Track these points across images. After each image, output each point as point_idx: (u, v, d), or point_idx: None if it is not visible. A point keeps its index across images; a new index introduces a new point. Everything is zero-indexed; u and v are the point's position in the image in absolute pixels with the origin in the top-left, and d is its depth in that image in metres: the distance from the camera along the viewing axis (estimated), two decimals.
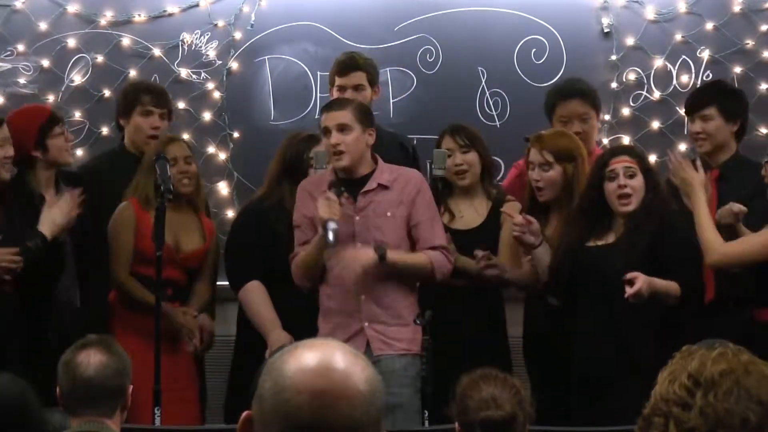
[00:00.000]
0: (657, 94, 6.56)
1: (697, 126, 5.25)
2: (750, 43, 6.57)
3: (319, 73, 6.58)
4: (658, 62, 6.58)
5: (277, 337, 4.90)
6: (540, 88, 6.53)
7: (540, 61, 6.58)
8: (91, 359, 3.36)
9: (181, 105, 6.48)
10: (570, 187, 5.01)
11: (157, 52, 6.58)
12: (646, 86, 6.54)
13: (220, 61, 6.59)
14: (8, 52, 6.55)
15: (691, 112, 5.32)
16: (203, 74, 6.57)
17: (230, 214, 6.29)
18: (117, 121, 5.75)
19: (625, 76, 6.54)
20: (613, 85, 6.48)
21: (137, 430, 4.51)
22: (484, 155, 5.23)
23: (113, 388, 3.35)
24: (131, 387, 3.44)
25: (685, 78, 6.55)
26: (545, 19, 6.59)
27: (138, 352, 4.88)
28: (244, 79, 6.62)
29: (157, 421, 4.64)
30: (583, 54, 6.59)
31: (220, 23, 6.60)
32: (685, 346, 1.84)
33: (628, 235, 4.76)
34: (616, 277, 4.61)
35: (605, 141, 6.39)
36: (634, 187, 4.76)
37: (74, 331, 4.50)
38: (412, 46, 6.54)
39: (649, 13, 6.60)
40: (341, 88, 5.50)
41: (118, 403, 3.37)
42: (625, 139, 6.48)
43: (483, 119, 6.46)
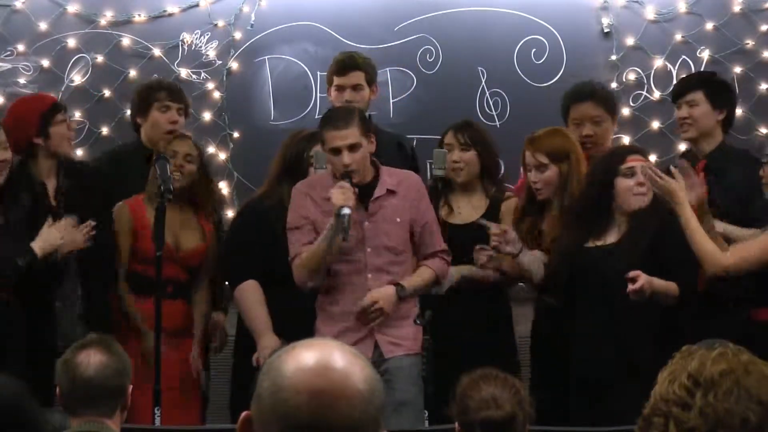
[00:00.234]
0: (657, 94, 6.56)
1: (684, 111, 5.26)
2: (750, 43, 6.58)
3: (319, 73, 6.57)
4: (658, 62, 6.58)
5: (267, 340, 4.89)
6: (540, 88, 6.54)
7: (540, 61, 6.58)
8: (91, 359, 3.36)
9: None
10: (565, 185, 5.02)
11: (157, 52, 6.58)
12: (646, 86, 6.54)
13: (220, 61, 6.59)
14: (8, 52, 6.55)
15: (678, 97, 5.33)
16: (203, 74, 6.57)
17: (230, 214, 6.28)
18: (133, 121, 5.72)
19: (625, 76, 6.54)
20: (613, 85, 6.47)
21: (137, 430, 4.50)
22: (484, 155, 5.23)
23: (113, 388, 3.35)
24: (131, 387, 3.44)
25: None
26: (545, 19, 6.59)
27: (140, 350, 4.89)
28: (244, 79, 6.62)
29: (157, 421, 4.63)
30: (583, 54, 6.59)
31: (220, 23, 6.60)
32: (685, 346, 1.84)
33: (630, 236, 4.75)
34: (617, 278, 4.61)
35: None
36: (649, 188, 4.78)
37: (78, 333, 4.50)
38: (412, 46, 6.54)
39: (649, 13, 6.60)
40: (340, 88, 5.48)
41: (118, 403, 3.37)
42: (625, 139, 6.48)
43: (483, 119, 6.45)
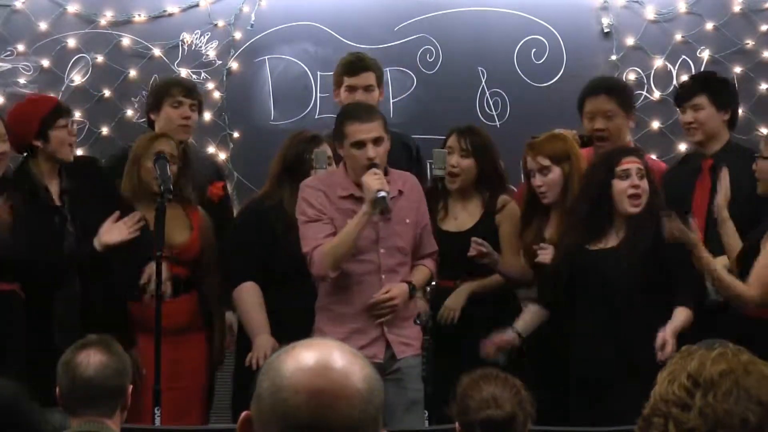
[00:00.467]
0: (657, 94, 6.56)
1: (689, 116, 5.25)
2: (750, 43, 6.58)
3: (319, 73, 6.58)
4: (658, 62, 6.58)
5: (262, 341, 4.88)
6: (540, 88, 6.55)
7: (540, 61, 6.58)
8: (91, 359, 3.36)
9: None
10: (567, 187, 5.01)
11: (157, 52, 6.58)
12: (646, 86, 6.54)
13: (220, 61, 6.59)
14: (8, 52, 6.56)
15: (682, 102, 5.32)
16: (203, 74, 6.57)
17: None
18: (148, 117, 5.72)
19: (625, 76, 6.53)
20: None
21: (137, 430, 4.50)
22: (483, 163, 5.18)
23: (113, 388, 3.35)
24: (131, 387, 3.44)
25: (685, 78, 6.53)
26: (545, 19, 6.59)
27: (149, 351, 4.86)
28: (244, 79, 6.62)
29: (157, 421, 4.62)
30: (583, 54, 6.59)
31: (220, 23, 6.60)
32: (684, 346, 1.84)
33: (630, 239, 4.75)
34: (617, 281, 4.63)
35: None
36: (643, 188, 4.77)
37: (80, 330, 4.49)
38: (412, 46, 6.54)
39: (649, 13, 6.60)
40: (351, 89, 5.45)
41: (118, 403, 3.37)
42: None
43: (483, 119, 6.46)
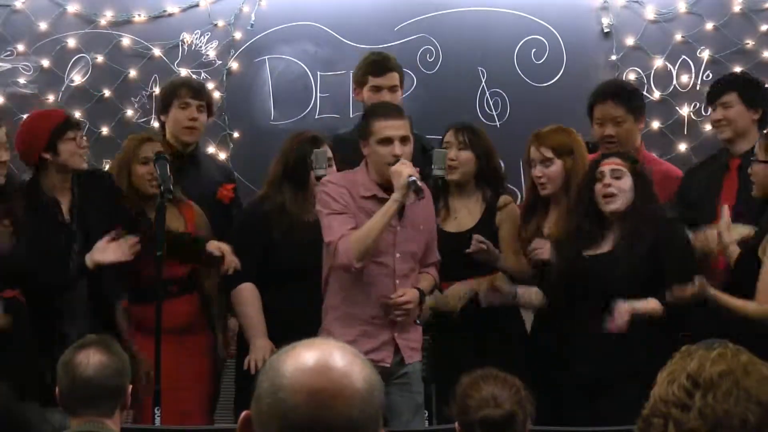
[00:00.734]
0: (657, 94, 6.55)
1: (718, 113, 5.26)
2: (750, 43, 6.57)
3: (319, 73, 6.58)
4: (658, 62, 6.57)
5: (259, 344, 4.89)
6: (540, 88, 6.54)
7: (540, 61, 6.58)
8: (91, 359, 3.36)
9: None
10: (569, 181, 5.00)
11: (157, 52, 6.58)
12: (646, 86, 6.53)
13: (220, 61, 6.59)
14: (8, 52, 6.56)
15: (713, 100, 5.32)
16: (203, 74, 6.57)
17: None
18: (159, 119, 5.74)
19: (625, 76, 6.53)
20: None
21: (137, 430, 4.50)
22: (482, 159, 5.19)
23: (113, 388, 3.35)
24: (131, 387, 3.44)
25: (685, 78, 6.55)
26: (545, 19, 6.58)
27: (150, 351, 4.85)
28: (244, 79, 6.62)
29: (157, 421, 4.62)
30: (583, 54, 6.59)
31: (220, 23, 6.60)
32: (684, 346, 1.84)
33: (625, 242, 4.74)
34: (613, 285, 4.65)
35: None
36: (620, 188, 4.76)
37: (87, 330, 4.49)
38: (412, 46, 6.54)
39: (649, 13, 6.59)
40: (376, 89, 5.45)
41: (118, 403, 3.37)
42: None
43: (483, 119, 6.46)
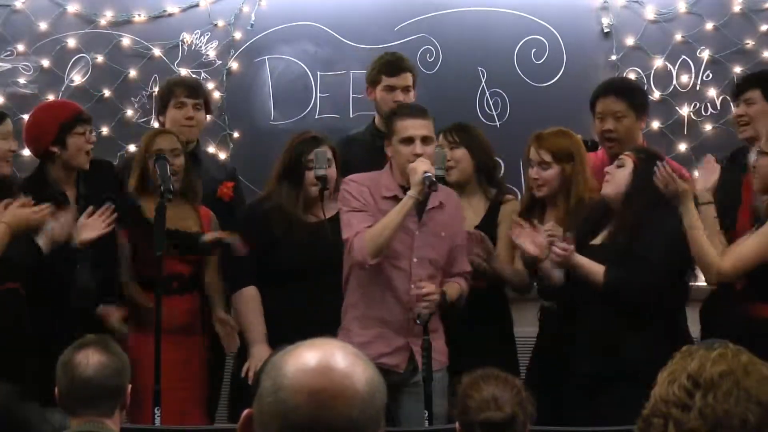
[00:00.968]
0: (657, 94, 6.55)
1: (741, 109, 5.26)
2: (750, 43, 6.57)
3: (319, 73, 6.58)
4: (658, 62, 6.57)
5: (259, 351, 4.88)
6: (540, 88, 6.54)
7: (540, 61, 6.57)
8: (90, 359, 3.36)
9: None
10: (568, 186, 4.99)
11: (157, 52, 6.58)
12: (646, 86, 6.52)
13: (220, 61, 6.58)
14: (8, 52, 6.55)
15: (736, 96, 5.33)
16: (203, 74, 6.57)
17: None
18: (158, 120, 5.75)
19: (625, 76, 6.52)
20: None
21: (137, 430, 4.50)
22: (477, 154, 5.19)
23: (112, 387, 3.35)
24: (130, 386, 3.44)
25: (685, 78, 6.55)
26: (545, 19, 6.58)
27: (151, 351, 4.85)
28: (244, 79, 6.61)
29: (157, 421, 4.62)
30: (583, 54, 6.58)
31: (220, 23, 6.59)
32: (684, 346, 1.84)
33: (612, 234, 4.77)
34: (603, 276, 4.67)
35: None
36: (615, 175, 4.79)
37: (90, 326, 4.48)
38: (412, 46, 6.53)
39: (649, 13, 6.59)
40: (390, 89, 5.46)
41: (118, 403, 3.37)
42: None
43: (483, 119, 6.45)
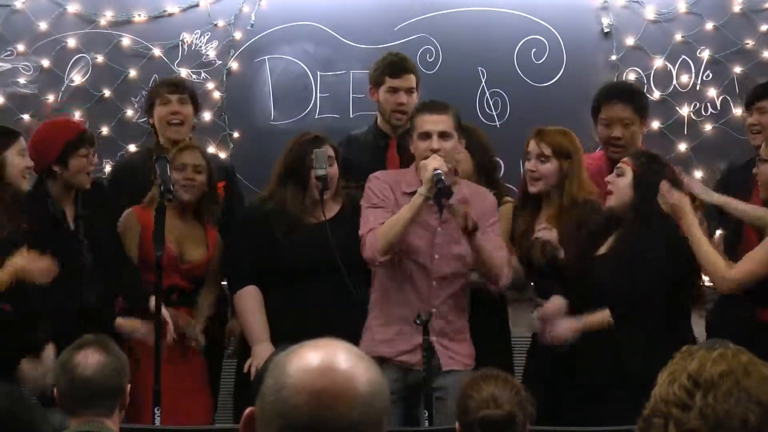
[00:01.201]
0: (657, 94, 6.55)
1: (754, 118, 5.26)
2: (750, 43, 6.57)
3: (319, 73, 6.58)
4: (658, 62, 6.57)
5: (261, 349, 4.87)
6: (540, 88, 6.54)
7: (540, 61, 6.58)
8: (89, 359, 3.36)
9: None
10: (563, 184, 4.98)
11: (157, 52, 6.58)
12: (646, 86, 6.53)
13: (220, 61, 6.59)
14: (8, 52, 6.56)
15: (750, 104, 5.33)
16: (203, 74, 6.57)
17: None
18: (149, 123, 5.74)
19: (625, 76, 6.53)
20: None
21: (137, 430, 4.50)
22: (477, 154, 5.19)
23: (112, 387, 3.35)
24: (129, 386, 3.44)
25: (685, 78, 6.55)
26: (545, 19, 6.58)
27: (150, 355, 4.84)
28: (244, 79, 6.62)
29: (157, 421, 4.62)
30: (583, 54, 6.59)
31: (220, 23, 6.60)
32: (685, 347, 1.84)
33: (615, 247, 4.72)
34: (603, 289, 4.65)
35: None
36: (617, 185, 4.77)
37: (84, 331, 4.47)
38: (412, 46, 6.53)
39: (649, 13, 6.59)
40: (393, 90, 5.46)
41: (117, 403, 3.37)
42: None
43: (483, 119, 6.46)
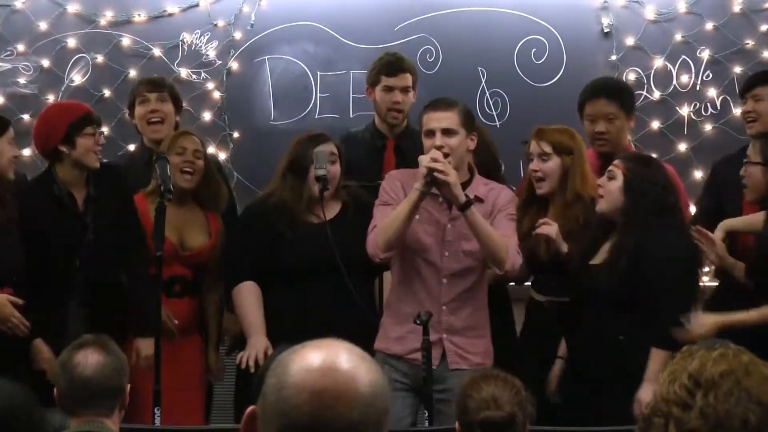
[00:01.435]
0: (657, 94, 6.56)
1: (749, 106, 5.25)
2: (750, 43, 6.57)
3: (319, 73, 6.58)
4: (658, 62, 6.57)
5: (256, 342, 4.87)
6: (540, 88, 6.54)
7: (540, 61, 6.58)
8: (89, 359, 3.35)
9: None
10: (566, 179, 4.98)
11: (157, 52, 6.58)
12: (646, 86, 6.53)
13: (220, 61, 6.59)
14: (8, 52, 6.56)
15: (745, 92, 5.32)
16: (203, 74, 6.57)
17: None
18: (132, 124, 5.75)
19: (625, 76, 6.53)
20: None
21: (137, 430, 4.50)
22: (479, 154, 5.18)
23: (112, 387, 3.35)
24: (129, 386, 3.44)
25: (685, 78, 6.55)
26: (545, 19, 6.59)
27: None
28: (244, 79, 6.62)
29: (157, 421, 4.62)
30: (583, 54, 6.59)
31: (220, 23, 6.60)
32: (685, 346, 1.84)
33: (611, 255, 4.66)
34: (601, 299, 4.61)
35: None
36: (607, 189, 4.72)
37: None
38: (412, 46, 6.54)
39: (649, 13, 6.60)
40: (389, 89, 5.49)
41: (117, 403, 3.37)
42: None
43: (483, 119, 6.45)
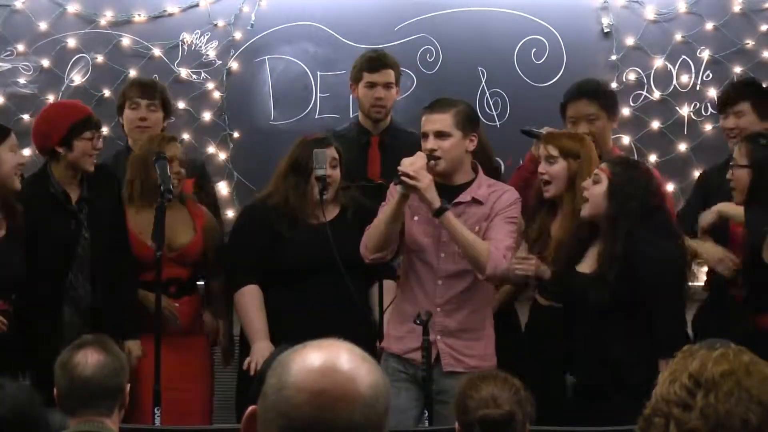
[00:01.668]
0: (657, 94, 6.55)
1: (730, 122, 5.23)
2: (750, 43, 6.57)
3: (319, 73, 6.57)
4: (658, 62, 6.57)
5: (260, 347, 4.88)
6: (540, 88, 6.54)
7: (540, 61, 6.57)
8: (89, 359, 3.36)
9: (181, 105, 6.48)
10: (573, 183, 4.97)
11: (157, 52, 6.58)
12: (646, 86, 6.53)
13: (220, 61, 6.58)
14: (8, 52, 6.55)
15: (725, 107, 5.29)
16: (203, 74, 6.57)
17: (230, 214, 6.28)
18: (119, 122, 5.76)
19: (625, 76, 6.53)
20: (613, 85, 6.43)
21: (137, 430, 4.50)
22: (477, 155, 5.17)
23: (111, 387, 3.35)
24: (129, 386, 3.44)
25: (685, 78, 6.55)
26: (545, 19, 6.58)
27: (149, 352, 4.85)
28: (244, 79, 6.61)
29: (157, 421, 4.62)
30: (583, 54, 6.58)
31: (220, 23, 6.59)
32: (686, 346, 1.84)
33: (601, 264, 4.63)
34: (591, 310, 4.60)
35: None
36: (591, 193, 4.69)
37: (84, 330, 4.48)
38: (412, 46, 6.54)
39: (649, 13, 6.59)
40: (371, 85, 5.54)
41: (117, 403, 3.37)
42: (625, 140, 6.48)
43: (483, 119, 6.42)
